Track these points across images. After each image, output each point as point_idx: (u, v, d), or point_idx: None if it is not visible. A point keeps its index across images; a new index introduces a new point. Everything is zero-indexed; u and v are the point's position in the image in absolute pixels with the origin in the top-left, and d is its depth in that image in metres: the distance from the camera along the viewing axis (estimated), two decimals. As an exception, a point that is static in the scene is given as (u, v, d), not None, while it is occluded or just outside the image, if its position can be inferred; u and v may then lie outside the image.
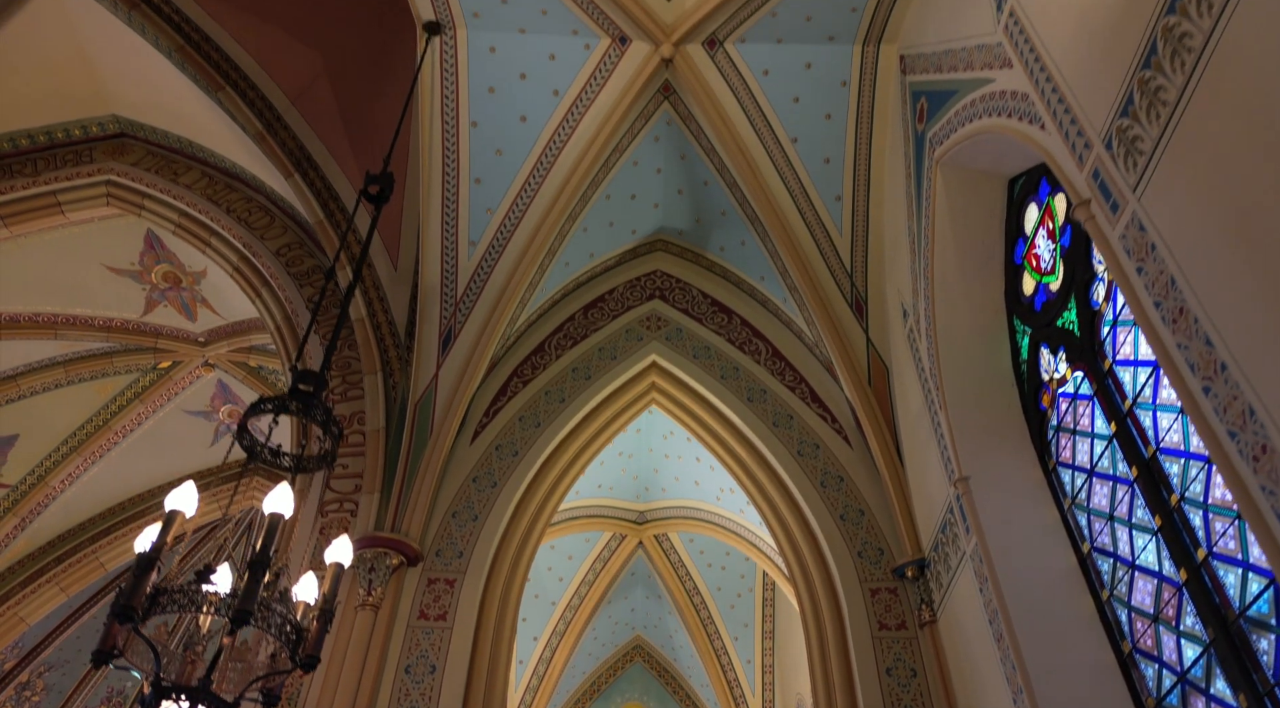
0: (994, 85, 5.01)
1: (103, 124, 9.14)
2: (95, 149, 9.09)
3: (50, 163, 8.84)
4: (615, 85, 7.13)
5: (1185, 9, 3.27)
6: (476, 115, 7.19)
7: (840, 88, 7.10)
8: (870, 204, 7.25)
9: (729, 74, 7.08)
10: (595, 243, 8.21)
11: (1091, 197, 3.91)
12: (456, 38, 6.92)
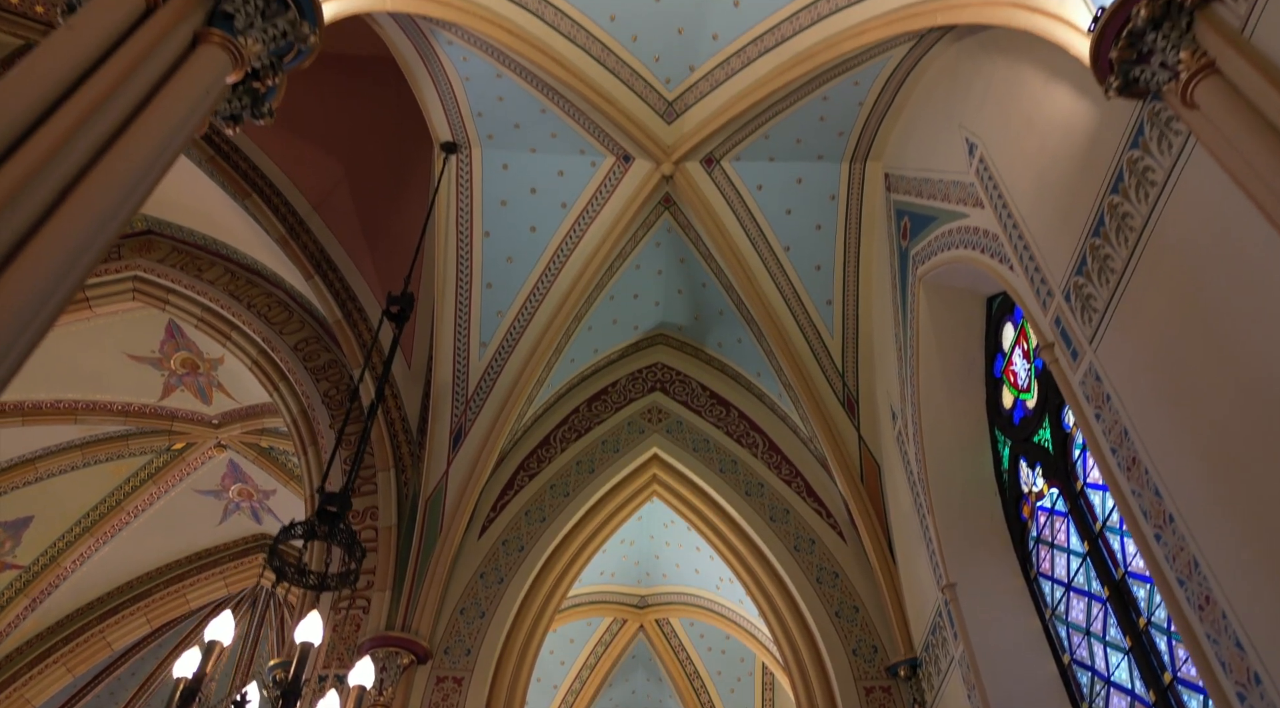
0: (968, 221, 5.45)
1: (131, 222, 9.64)
2: (123, 246, 9.56)
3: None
4: (619, 198, 7.63)
5: (1126, 191, 3.70)
6: (489, 226, 7.66)
7: (829, 201, 7.60)
8: (860, 308, 7.67)
9: (725, 188, 7.58)
10: (599, 339, 8.61)
11: (1055, 341, 4.30)
12: (472, 156, 7.44)
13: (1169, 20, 3.17)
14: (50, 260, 2.37)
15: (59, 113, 2.55)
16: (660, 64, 6.90)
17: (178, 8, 2.96)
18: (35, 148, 2.44)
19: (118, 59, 2.72)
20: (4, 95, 2.48)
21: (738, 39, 6.56)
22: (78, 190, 2.53)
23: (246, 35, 3.13)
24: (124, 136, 2.68)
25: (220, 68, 3.04)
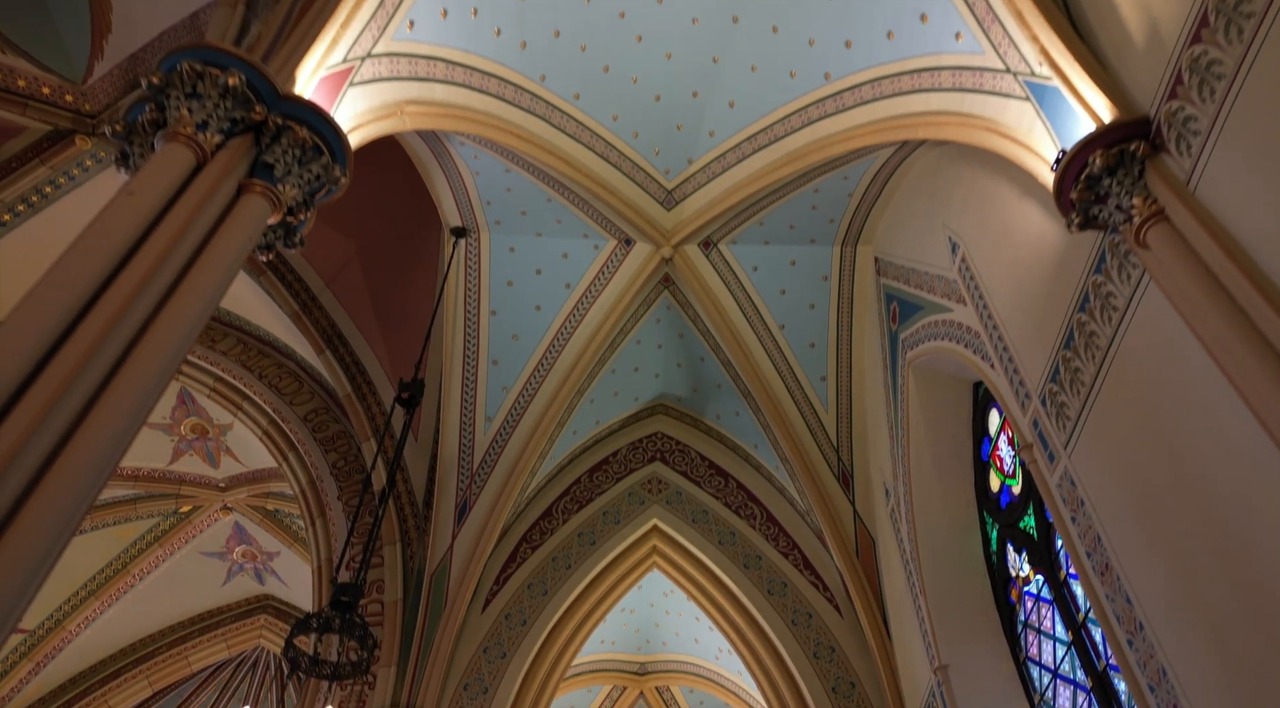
0: (952, 315, 5.74)
1: (149, 294, 9.96)
2: (141, 317, 9.87)
3: (99, 331, 9.60)
4: (621, 279, 7.95)
5: (1092, 312, 3.99)
6: (496, 304, 7.97)
7: (822, 281, 7.92)
8: (853, 384, 7.93)
9: (722, 269, 7.90)
10: (601, 411, 8.86)
11: (1033, 442, 4.54)
12: (480, 240, 7.78)
13: (1123, 168, 3.49)
14: (137, 384, 2.70)
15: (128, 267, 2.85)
16: (660, 157, 7.28)
17: (225, 162, 3.28)
18: (114, 297, 2.75)
19: (173, 216, 3.02)
20: (81, 253, 2.78)
21: (733, 136, 6.94)
22: (148, 334, 2.83)
23: (285, 182, 3.45)
24: (182, 285, 2.98)
25: (262, 215, 3.35)
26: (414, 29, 4.86)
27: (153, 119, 3.35)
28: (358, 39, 4.34)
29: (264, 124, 3.43)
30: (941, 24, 4.94)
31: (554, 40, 6.10)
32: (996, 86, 4.58)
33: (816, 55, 6.01)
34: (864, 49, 5.64)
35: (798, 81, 6.26)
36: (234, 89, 3.30)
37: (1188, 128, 3.29)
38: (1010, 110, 4.48)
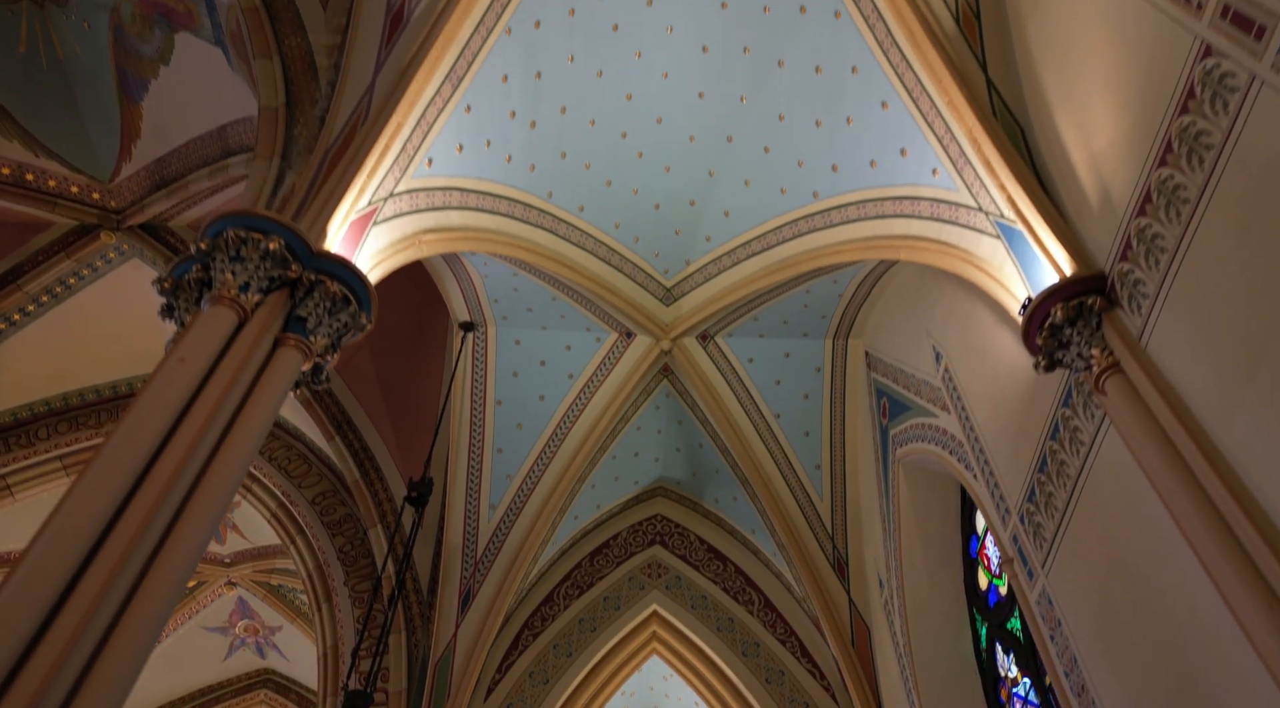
0: (938, 421, 6.03)
1: (164, 376, 10.27)
2: (155, 399, 10.16)
3: (112, 414, 9.87)
4: (622, 369, 8.26)
5: (1062, 441, 4.27)
6: (501, 394, 8.27)
7: (815, 373, 8.23)
8: (847, 473, 8.17)
9: (719, 361, 8.22)
10: (602, 496, 9.08)
11: (1014, 557, 4.78)
12: (487, 333, 8.12)
13: (1082, 319, 3.82)
14: (194, 534, 3.00)
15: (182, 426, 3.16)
16: (659, 258, 7.67)
17: (263, 320, 3.60)
18: (172, 455, 3.04)
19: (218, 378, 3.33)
20: (143, 416, 3.08)
21: (728, 242, 7.33)
22: (200, 486, 3.13)
23: (316, 333, 3.77)
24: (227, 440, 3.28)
25: (295, 367, 3.66)
26: (432, 166, 5.27)
27: (198, 278, 3.68)
28: (381, 182, 4.72)
29: (298, 280, 3.77)
30: (920, 159, 5.34)
31: (561, 161, 6.52)
32: (970, 221, 4.96)
33: (805, 175, 6.43)
34: (849, 174, 6.05)
35: (788, 197, 6.67)
36: (274, 252, 3.65)
37: (1138, 290, 3.63)
38: (983, 245, 4.85)
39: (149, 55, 7.73)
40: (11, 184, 8.63)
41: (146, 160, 8.63)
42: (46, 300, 9.25)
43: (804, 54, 5.95)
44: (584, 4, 5.91)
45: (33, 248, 9.07)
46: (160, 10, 7.27)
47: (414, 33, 4.94)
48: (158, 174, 8.60)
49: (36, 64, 8.09)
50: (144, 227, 9.01)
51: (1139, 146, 3.61)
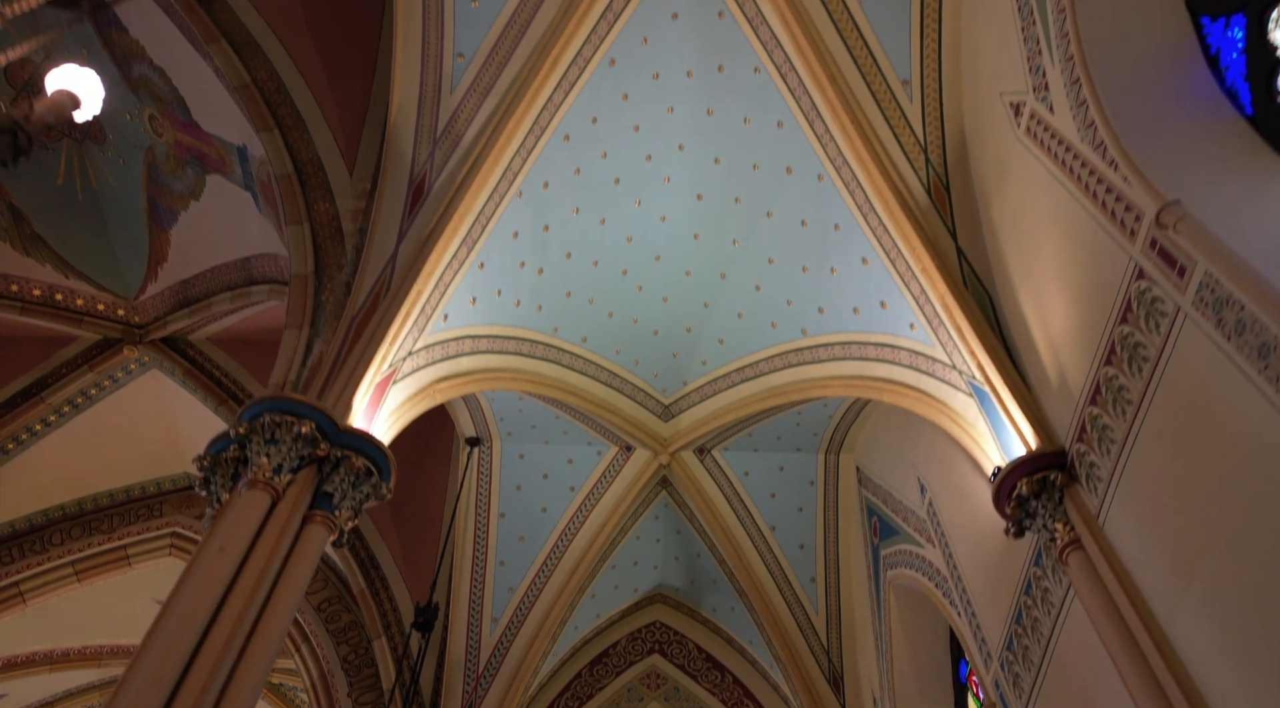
0: (924, 552, 6.31)
1: (174, 479, 10.53)
2: (165, 502, 10.39)
3: (125, 518, 10.10)
4: (621, 482, 8.55)
5: (1035, 598, 4.55)
6: (505, 507, 8.54)
7: (809, 486, 8.52)
8: (841, 587, 8.38)
9: (715, 473, 8.52)
10: (601, 605, 9.25)
11: (996, 703, 5.00)
12: (493, 448, 8.45)
13: (1046, 493, 4.16)
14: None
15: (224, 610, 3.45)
16: (658, 378, 8.05)
17: (294, 498, 3.93)
18: (218, 636, 3.32)
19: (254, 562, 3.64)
20: (189, 599, 3.38)
21: (723, 367, 7.73)
22: (243, 663, 3.39)
23: (341, 507, 4.09)
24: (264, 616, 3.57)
25: (322, 542, 3.98)
26: (447, 320, 5.68)
27: (234, 456, 4.03)
28: (401, 344, 5.12)
29: (326, 457, 4.12)
30: (898, 313, 5.77)
31: (566, 299, 6.96)
32: (946, 377, 5.34)
33: (794, 313, 6.86)
34: (834, 316, 6.48)
35: (778, 331, 7.08)
36: (305, 434, 4.00)
37: (1094, 472, 3.97)
38: (959, 400, 5.21)
39: (180, 191, 8.26)
40: (42, 304, 9.06)
41: (171, 281, 9.08)
42: (68, 411, 9.58)
43: (791, 208, 6.44)
44: (588, 163, 6.44)
45: (57, 361, 9.45)
46: (194, 153, 7.81)
47: (434, 204, 5.41)
48: (182, 294, 9.03)
49: (72, 194, 8.61)
50: (164, 340, 9.40)
51: (1088, 341, 4.00)
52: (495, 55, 5.70)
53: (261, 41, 6.43)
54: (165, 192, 8.33)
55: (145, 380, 9.58)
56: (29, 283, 8.95)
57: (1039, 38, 4.47)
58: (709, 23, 6.09)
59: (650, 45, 6.17)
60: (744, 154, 6.51)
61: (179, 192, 8.25)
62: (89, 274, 9.02)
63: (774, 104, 6.12)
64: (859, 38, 5.72)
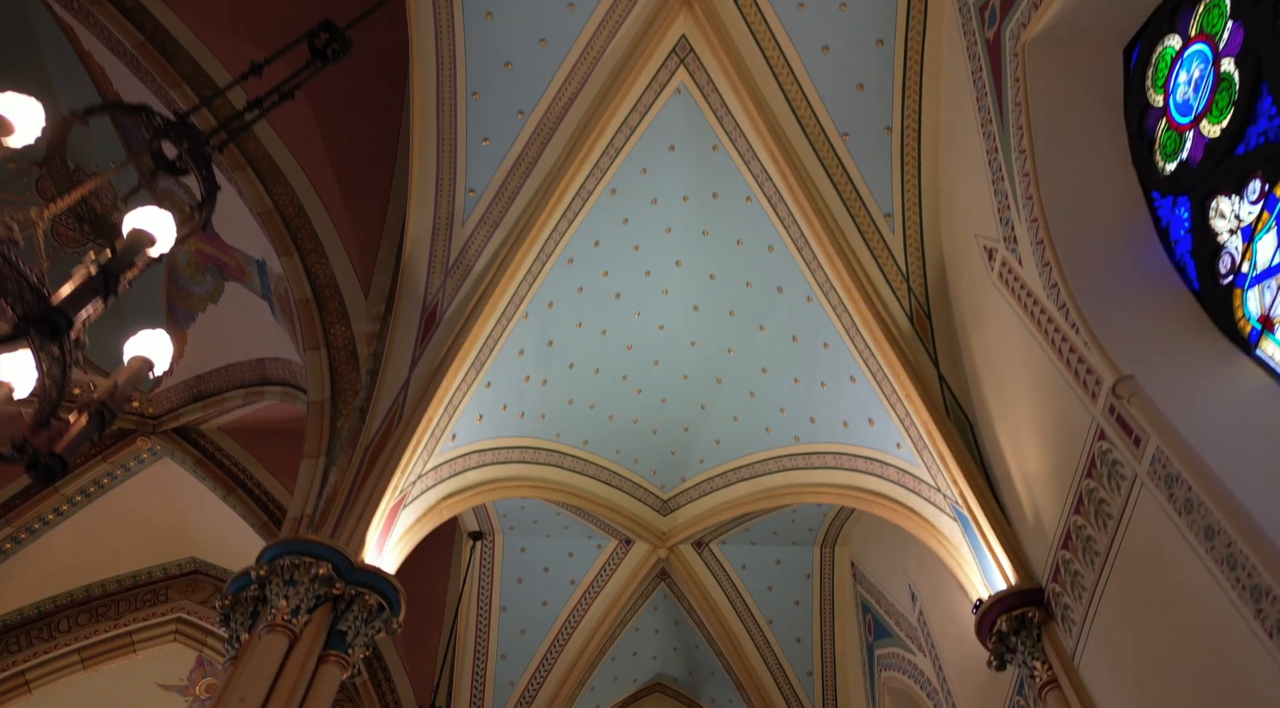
0: (915, 659, 6.46)
1: (180, 564, 10.68)
2: (171, 587, 10.53)
3: (131, 604, 10.23)
4: (621, 575, 8.72)
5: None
6: (506, 601, 8.69)
7: (805, 579, 8.69)
8: (838, 682, 8.48)
9: (713, 566, 8.69)
10: (601, 697, 9.32)
11: (986, 824, 5.12)
12: (495, 542, 8.64)
13: (1025, 630, 4.37)
14: None
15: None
16: (657, 475, 8.29)
17: (310, 639, 4.15)
18: None
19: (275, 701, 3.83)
20: None
21: (719, 466, 7.96)
22: None
23: (354, 645, 4.31)
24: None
25: (336, 680, 4.17)
26: (455, 440, 5.96)
27: (253, 595, 4.25)
28: (411, 469, 5.38)
29: (340, 595, 4.34)
30: (885, 432, 6.04)
31: (568, 406, 7.25)
32: (931, 498, 5.58)
33: (787, 420, 7.13)
34: (825, 427, 6.75)
35: (772, 436, 7.34)
36: (322, 576, 4.24)
37: (1068, 614, 4.20)
38: (944, 522, 5.45)
39: (199, 294, 8.62)
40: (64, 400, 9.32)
41: (187, 375, 9.38)
42: (80, 500, 9.77)
43: (782, 324, 6.77)
44: (591, 282, 6.79)
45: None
46: (215, 262, 8.19)
47: (445, 332, 5.73)
48: (196, 388, 9.31)
49: (95, 293, 8.96)
50: (176, 430, 9.65)
51: (1059, 487, 4.26)
52: (504, 190, 6.09)
53: (284, 169, 6.85)
54: (184, 294, 8.68)
55: (156, 468, 9.81)
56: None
57: (1008, 192, 4.84)
58: (704, 155, 6.51)
59: (649, 174, 6.58)
60: (737, 272, 6.87)
61: (198, 295, 8.61)
62: (105, 369, 9.33)
63: (765, 230, 6.49)
64: (843, 173, 6.12)
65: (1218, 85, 3.75)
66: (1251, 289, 3.54)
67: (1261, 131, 3.48)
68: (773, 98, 6.12)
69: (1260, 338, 3.47)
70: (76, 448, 2.01)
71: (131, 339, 2.44)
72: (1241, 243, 3.59)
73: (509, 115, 6.10)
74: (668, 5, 5.92)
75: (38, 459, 1.90)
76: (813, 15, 6.00)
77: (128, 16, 7.08)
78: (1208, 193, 3.81)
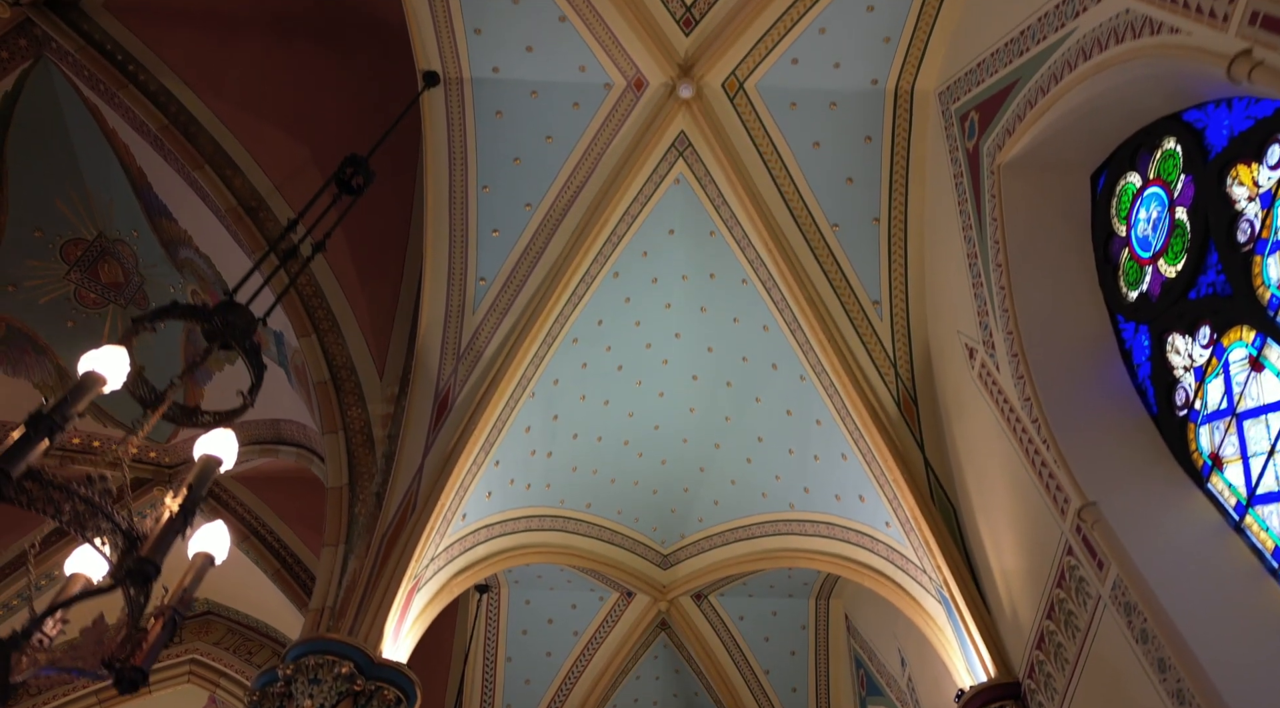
0: (905, 723, 6.75)
1: (193, 605, 10.98)
2: (185, 629, 10.84)
3: (147, 647, 10.52)
4: (623, 627, 9.01)
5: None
6: (511, 652, 8.98)
7: (801, 630, 8.98)
8: (833, 731, 8.77)
9: (712, 618, 8.99)
10: (603, 742, 9.61)
11: None
12: (500, 595, 8.93)
13: (1001, 722, 4.65)
14: None
15: None
16: (657, 532, 8.58)
17: (333, 733, 4.44)
18: None
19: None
20: None
21: (717, 525, 8.26)
22: None
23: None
24: None
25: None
26: (465, 519, 6.26)
27: (280, 692, 4.55)
28: (425, 553, 5.68)
29: (361, 691, 4.65)
30: (875, 509, 6.34)
31: (572, 474, 7.55)
32: (918, 578, 5.88)
33: (782, 487, 7.43)
34: (818, 498, 7.05)
35: (768, 501, 7.64)
36: (345, 674, 4.54)
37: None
38: (929, 602, 5.75)
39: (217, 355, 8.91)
40: (80, 451, 9.66)
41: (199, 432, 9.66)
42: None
43: (777, 398, 7.07)
44: (594, 357, 7.10)
45: (90, 499, 9.97)
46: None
47: (457, 417, 6.04)
48: (211, 441, 9.59)
49: (115, 352, 9.28)
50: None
51: (1034, 590, 4.56)
52: (513, 279, 6.41)
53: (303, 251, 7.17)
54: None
55: (171, 517, 10.09)
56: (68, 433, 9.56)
57: (986, 299, 5.15)
58: (701, 239, 6.83)
59: (650, 257, 6.89)
60: (734, 347, 7.18)
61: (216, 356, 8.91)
62: (124, 421, 9.65)
63: (760, 311, 6.81)
64: (833, 261, 6.43)
65: (1172, 230, 4.07)
66: (1204, 426, 3.84)
67: (1210, 282, 3.79)
68: (766, 189, 6.44)
69: (1211, 473, 3.78)
70: (156, 656, 2.30)
71: (194, 536, 2.74)
72: (1194, 381, 3.90)
73: (517, 207, 6.42)
74: (667, 105, 6.24)
75: (124, 674, 2.20)
76: (804, 113, 6.32)
77: (152, 100, 7.38)
78: (1165, 328, 4.12)
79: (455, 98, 6.25)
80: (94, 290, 8.86)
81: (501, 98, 6.26)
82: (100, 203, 8.30)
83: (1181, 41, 3.23)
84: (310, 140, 7.69)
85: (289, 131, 7.66)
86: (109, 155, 8.03)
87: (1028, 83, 4.61)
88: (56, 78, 7.49)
